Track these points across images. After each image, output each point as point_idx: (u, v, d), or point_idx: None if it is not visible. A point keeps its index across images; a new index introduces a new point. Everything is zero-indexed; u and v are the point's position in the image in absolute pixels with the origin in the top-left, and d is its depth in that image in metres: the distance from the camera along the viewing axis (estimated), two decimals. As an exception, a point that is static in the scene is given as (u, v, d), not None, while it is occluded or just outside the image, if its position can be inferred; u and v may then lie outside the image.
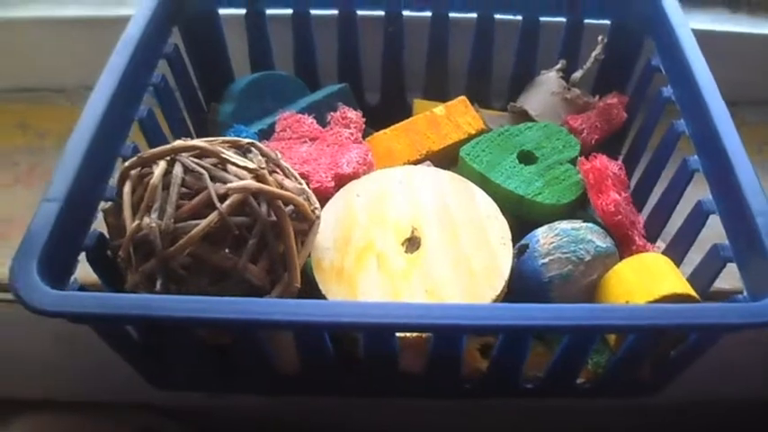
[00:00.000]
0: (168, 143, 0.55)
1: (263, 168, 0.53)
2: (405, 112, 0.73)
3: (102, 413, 0.81)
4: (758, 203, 0.52)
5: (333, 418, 0.75)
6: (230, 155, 0.54)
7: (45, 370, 0.75)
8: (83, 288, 0.51)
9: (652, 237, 0.67)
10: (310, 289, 0.57)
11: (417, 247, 0.59)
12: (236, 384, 0.62)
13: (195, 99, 0.75)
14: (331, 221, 0.60)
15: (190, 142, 0.55)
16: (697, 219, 0.59)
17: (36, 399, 0.77)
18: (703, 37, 0.66)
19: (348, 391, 0.63)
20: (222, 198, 0.51)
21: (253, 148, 0.56)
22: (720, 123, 0.58)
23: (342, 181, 0.62)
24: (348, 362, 0.56)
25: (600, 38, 0.74)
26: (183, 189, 0.52)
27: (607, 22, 0.74)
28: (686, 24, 0.66)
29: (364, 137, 0.69)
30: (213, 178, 0.52)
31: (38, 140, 0.82)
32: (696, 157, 0.61)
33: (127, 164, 0.55)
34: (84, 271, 0.54)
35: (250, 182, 0.52)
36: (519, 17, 0.74)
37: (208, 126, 0.73)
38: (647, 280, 0.57)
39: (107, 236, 0.55)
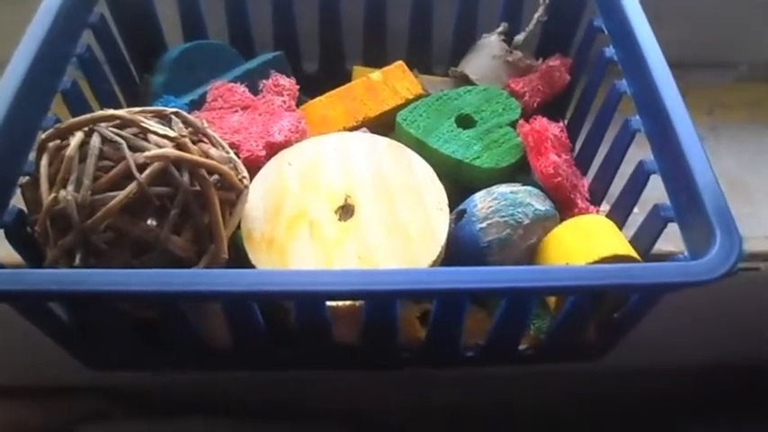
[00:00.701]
0: (95, 116, 0.53)
1: (183, 136, 0.51)
2: (344, 80, 0.71)
3: (46, 398, 0.79)
4: (698, 162, 0.52)
5: (280, 393, 0.74)
6: (151, 124, 0.52)
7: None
8: (2, 267, 0.49)
9: (597, 199, 0.66)
10: (241, 261, 0.56)
11: (351, 215, 0.57)
12: (168, 361, 0.60)
13: (126, 71, 0.72)
14: (262, 191, 0.58)
15: (108, 112, 0.52)
16: (639, 179, 0.58)
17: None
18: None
19: (283, 365, 0.61)
20: (142, 168, 0.49)
21: (175, 117, 0.54)
22: (661, 83, 0.57)
23: (274, 150, 0.60)
24: (282, 335, 0.55)
25: (542, -1, 0.72)
26: (104, 161, 0.50)
27: (549, -18, 0.73)
28: (627, -17, 0.65)
29: (302, 105, 0.67)
30: (133, 148, 0.50)
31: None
32: (638, 117, 0.60)
33: (44, 135, 0.52)
34: (8, 250, 0.53)
35: (169, 150, 0.50)
36: (458, -21, 0.73)
37: (139, 99, 0.71)
38: (586, 242, 0.56)
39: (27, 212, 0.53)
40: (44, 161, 0.51)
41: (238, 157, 0.58)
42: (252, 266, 0.54)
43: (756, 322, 0.77)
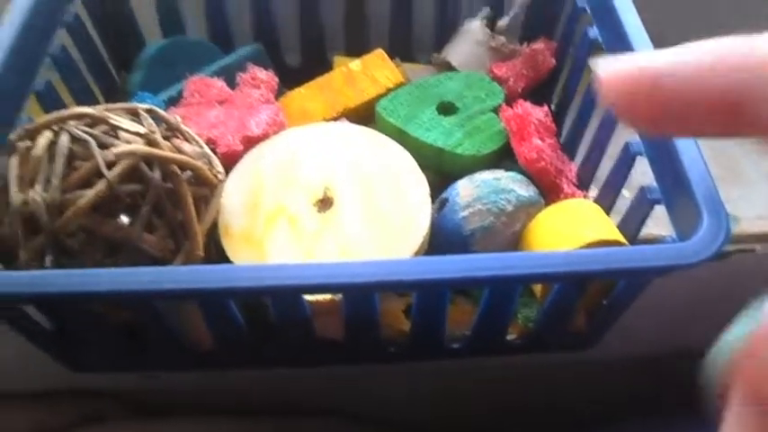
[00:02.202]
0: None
1: (153, 132, 0.50)
2: (327, 71, 0.70)
3: (36, 403, 0.78)
4: (684, 142, 0.50)
5: (270, 391, 0.73)
6: (119, 120, 0.51)
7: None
8: (-26, 271, 0.49)
9: (585, 184, 0.64)
10: (220, 257, 0.55)
11: (330, 207, 0.56)
12: (151, 362, 0.59)
13: (104, 69, 0.71)
14: (239, 185, 0.57)
15: (77, 110, 0.51)
16: (625, 161, 0.57)
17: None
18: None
19: (267, 363, 0.60)
20: (112, 166, 0.48)
21: (145, 113, 0.53)
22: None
23: (251, 143, 0.59)
24: (264, 332, 0.54)
25: (524, -19, 0.71)
26: (74, 161, 0.50)
27: (531, -35, 0.71)
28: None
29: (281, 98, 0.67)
30: (102, 146, 0.49)
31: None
32: (623, 98, 0.58)
33: (12, 136, 0.52)
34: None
35: (138, 146, 0.49)
36: (438, -36, 0.71)
37: (118, 97, 0.70)
38: (571, 227, 0.55)
39: (-1, 215, 0.52)
40: (13, 162, 0.50)
41: (215, 153, 0.57)
42: (230, 262, 0.54)
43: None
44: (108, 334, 0.54)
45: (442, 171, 0.62)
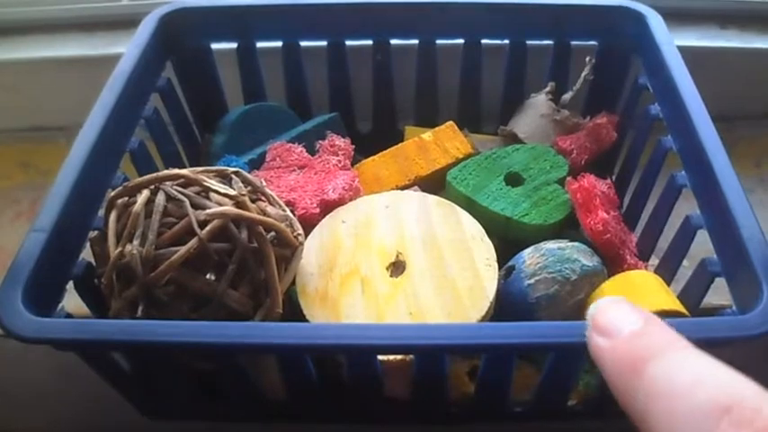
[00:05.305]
0: (160, 174, 0.56)
1: (243, 195, 0.54)
2: (397, 140, 0.73)
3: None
4: (744, 216, 0.52)
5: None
6: (212, 183, 0.55)
7: (47, 402, 0.76)
8: (70, 317, 0.52)
9: (645, 255, 0.66)
10: (296, 315, 0.57)
11: (402, 271, 0.59)
12: (223, 411, 0.62)
13: (189, 131, 0.76)
14: (316, 247, 0.60)
15: (173, 171, 0.55)
16: (686, 234, 0.59)
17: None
18: (694, 53, 0.66)
19: (335, 418, 0.62)
20: (203, 225, 0.52)
21: (235, 177, 0.57)
22: (705, 138, 0.58)
23: (328, 207, 0.63)
24: (335, 388, 0.56)
25: (588, 58, 0.74)
26: (168, 218, 0.53)
27: (595, 43, 0.74)
28: (671, 42, 0.66)
29: (356, 165, 0.70)
30: (195, 206, 0.53)
31: (39, 178, 0.84)
32: (683, 172, 0.61)
33: (113, 193, 0.56)
34: (78, 302, 0.55)
35: (229, 208, 0.52)
36: (506, 41, 0.75)
37: (201, 158, 0.74)
38: (633, 297, 0.56)
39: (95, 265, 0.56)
40: (112, 217, 0.55)
41: (294, 215, 0.60)
42: (306, 321, 0.56)
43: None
44: (187, 382, 0.57)
45: (507, 239, 0.64)
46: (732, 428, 0.21)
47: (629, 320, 0.27)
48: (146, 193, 0.54)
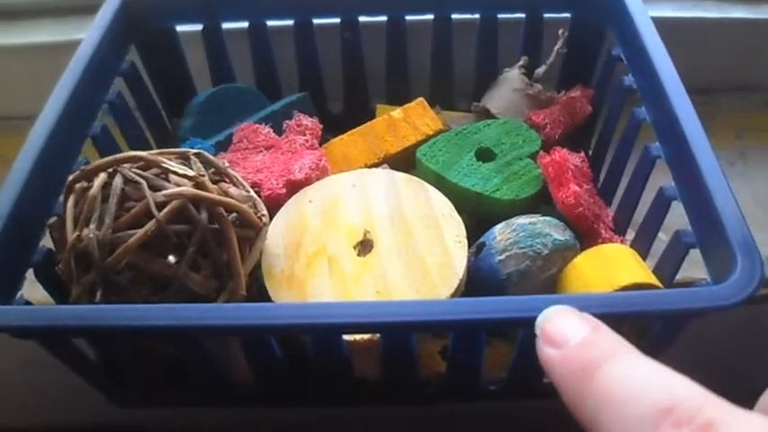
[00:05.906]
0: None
1: (202, 176, 0.53)
2: (369, 119, 0.72)
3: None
4: (717, 186, 0.51)
5: (308, 429, 0.74)
6: (171, 164, 0.53)
7: (14, 392, 0.75)
8: (30, 305, 0.51)
9: (622, 229, 0.65)
10: (264, 298, 0.56)
11: (370, 250, 0.57)
12: (190, 397, 0.61)
13: (156, 116, 0.75)
14: (282, 228, 0.59)
15: (131, 153, 0.54)
16: (660, 205, 0.58)
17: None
18: (672, 25, 0.65)
19: (305, 402, 0.61)
20: (162, 207, 0.51)
21: (194, 158, 0.55)
22: (680, 109, 0.56)
23: (294, 187, 0.62)
24: (303, 371, 0.55)
25: (560, 31, 0.73)
26: (128, 201, 0.52)
27: (567, 15, 0.73)
28: (645, 12, 0.65)
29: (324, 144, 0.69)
30: (153, 187, 0.52)
31: (4, 169, 0.82)
32: (657, 143, 0.59)
33: (71, 177, 0.54)
34: (42, 293, 0.54)
35: (187, 188, 0.51)
36: (476, 16, 0.73)
37: (169, 142, 0.73)
38: (606, 271, 0.56)
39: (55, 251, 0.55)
40: (70, 202, 0.53)
41: (259, 196, 0.59)
42: (272, 302, 0.55)
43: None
44: (151, 368, 0.56)
45: (479, 215, 0.63)
46: (673, 428, 0.22)
47: (577, 329, 0.28)
48: (102, 176, 0.53)
